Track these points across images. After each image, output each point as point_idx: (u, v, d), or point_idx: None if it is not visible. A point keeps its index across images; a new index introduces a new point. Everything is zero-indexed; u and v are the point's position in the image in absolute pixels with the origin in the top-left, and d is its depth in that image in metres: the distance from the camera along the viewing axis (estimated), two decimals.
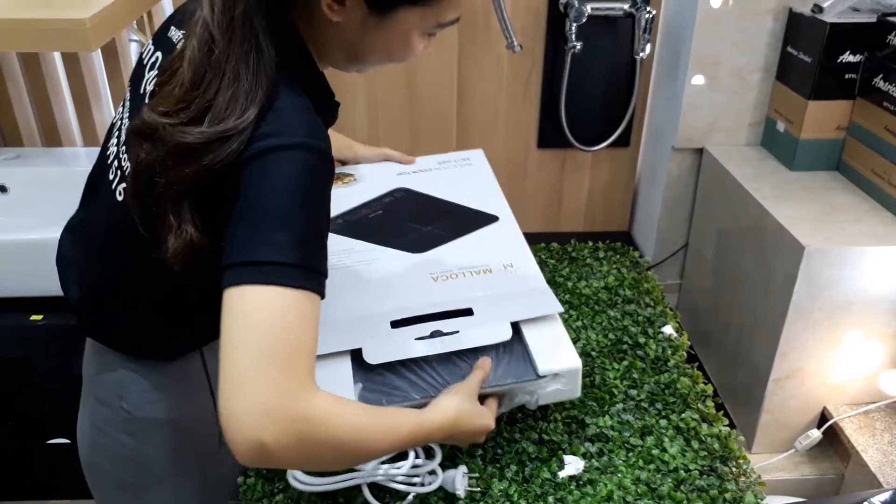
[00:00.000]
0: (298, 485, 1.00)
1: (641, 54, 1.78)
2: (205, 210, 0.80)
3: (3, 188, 1.73)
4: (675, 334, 1.36)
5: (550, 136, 1.92)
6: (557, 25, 1.79)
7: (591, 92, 1.87)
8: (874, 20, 1.51)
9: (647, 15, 1.73)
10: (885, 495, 1.02)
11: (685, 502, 1.01)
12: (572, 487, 1.03)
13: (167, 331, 1.02)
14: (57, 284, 1.05)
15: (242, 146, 0.76)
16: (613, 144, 1.92)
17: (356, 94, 1.85)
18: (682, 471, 1.06)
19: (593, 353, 1.31)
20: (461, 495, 1.00)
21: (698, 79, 1.70)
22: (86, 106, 1.94)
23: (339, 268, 1.18)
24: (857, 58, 1.54)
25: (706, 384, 1.23)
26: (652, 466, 1.07)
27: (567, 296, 1.48)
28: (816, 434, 1.52)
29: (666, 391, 1.22)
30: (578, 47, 1.75)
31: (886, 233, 1.42)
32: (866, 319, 1.44)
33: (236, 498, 1.08)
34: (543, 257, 1.64)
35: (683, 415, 1.16)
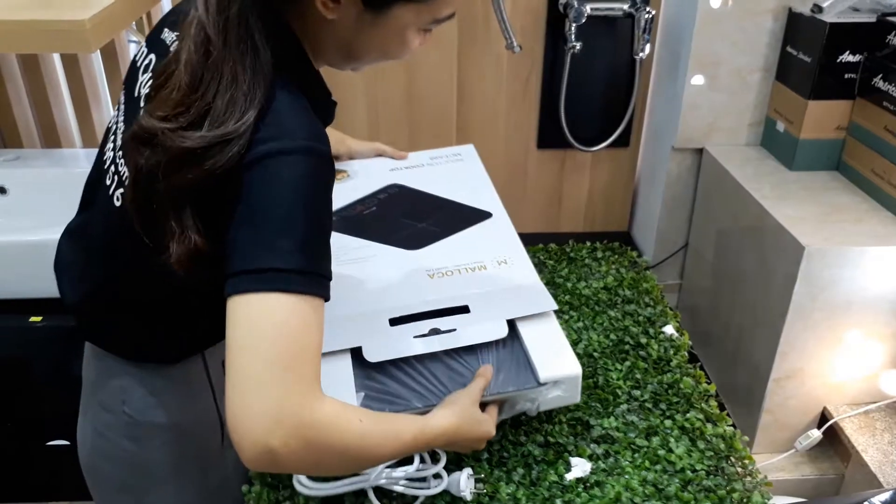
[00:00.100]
0: (304, 489, 1.00)
1: (641, 54, 1.78)
2: (206, 215, 0.80)
3: (3, 189, 1.72)
4: (676, 334, 1.36)
5: (550, 137, 1.92)
6: (557, 26, 1.79)
7: (591, 92, 1.87)
8: (874, 20, 1.52)
9: (647, 15, 1.73)
10: (886, 495, 1.03)
11: (693, 503, 1.01)
12: (580, 490, 1.03)
13: (168, 334, 1.01)
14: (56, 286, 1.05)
15: (243, 150, 0.76)
16: (613, 145, 1.92)
17: (356, 95, 1.85)
18: (689, 471, 1.06)
19: (595, 354, 1.31)
20: (468, 498, 1.00)
21: (698, 79, 1.71)
22: (85, 107, 1.94)
23: (337, 265, 1.18)
24: (857, 58, 1.54)
25: (709, 384, 1.23)
26: (658, 467, 1.07)
27: (567, 296, 1.48)
28: (817, 434, 1.52)
29: (669, 391, 1.22)
30: (578, 47, 1.75)
31: (886, 233, 1.42)
32: (866, 319, 1.45)
33: (239, 501, 1.08)
34: (542, 258, 1.64)
35: (688, 415, 1.16)
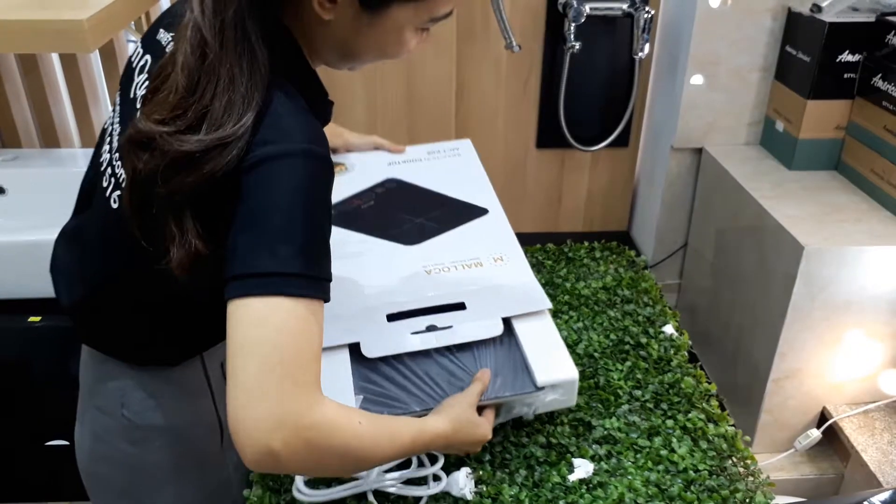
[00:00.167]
0: (301, 496, 1.00)
1: (640, 54, 1.78)
2: (205, 218, 0.80)
3: (2, 189, 1.72)
4: (676, 334, 1.36)
5: (549, 136, 1.92)
6: (556, 25, 1.79)
7: (590, 92, 1.88)
8: (873, 20, 1.52)
9: (646, 15, 1.73)
10: (885, 495, 1.03)
11: (696, 503, 1.01)
12: (583, 491, 1.03)
13: (167, 336, 1.01)
14: None
15: (242, 153, 0.76)
16: (612, 144, 1.92)
17: (355, 95, 1.85)
18: (692, 471, 1.06)
19: (596, 355, 1.31)
20: (468, 497, 1.00)
21: (697, 78, 1.71)
22: (84, 107, 1.94)
23: (335, 259, 1.19)
24: (856, 57, 1.54)
25: (709, 383, 1.24)
26: (661, 467, 1.07)
27: (566, 297, 1.48)
28: (816, 434, 1.52)
29: (670, 391, 1.22)
30: (577, 47, 1.75)
31: (886, 232, 1.42)
32: (866, 319, 1.45)
33: (238, 503, 1.08)
34: (540, 258, 1.64)
35: (690, 415, 1.16)
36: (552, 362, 1.06)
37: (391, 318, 1.10)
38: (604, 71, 1.86)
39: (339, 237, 1.25)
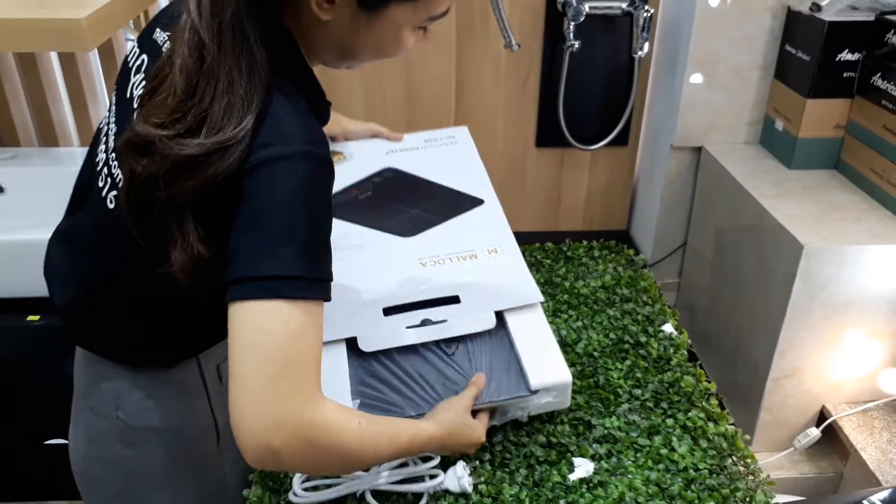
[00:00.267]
0: (296, 499, 1.01)
1: (640, 53, 1.78)
2: (206, 221, 0.80)
3: (0, 188, 1.71)
4: (676, 332, 1.36)
5: (549, 135, 1.92)
6: (555, 24, 1.79)
7: (590, 91, 1.87)
8: (872, 18, 1.52)
9: (646, 13, 1.73)
10: (884, 493, 1.03)
11: (697, 502, 1.01)
12: (583, 490, 1.03)
13: (162, 338, 1.01)
14: None
15: (243, 156, 0.76)
16: (612, 143, 1.92)
17: (354, 94, 1.85)
18: (692, 470, 1.06)
19: (595, 354, 1.31)
20: (468, 489, 1.01)
21: (697, 77, 1.71)
22: (82, 106, 1.93)
23: (334, 252, 1.20)
24: (856, 56, 1.54)
25: (709, 382, 1.24)
26: (661, 466, 1.07)
27: (566, 296, 1.48)
28: (815, 433, 1.53)
29: (670, 390, 1.22)
30: (577, 46, 1.75)
31: (885, 231, 1.42)
32: (865, 318, 1.45)
33: (239, 503, 1.08)
34: (539, 257, 1.64)
35: (690, 414, 1.16)
36: (546, 365, 1.08)
37: (387, 312, 1.12)
38: (603, 70, 1.86)
39: (338, 230, 1.25)
